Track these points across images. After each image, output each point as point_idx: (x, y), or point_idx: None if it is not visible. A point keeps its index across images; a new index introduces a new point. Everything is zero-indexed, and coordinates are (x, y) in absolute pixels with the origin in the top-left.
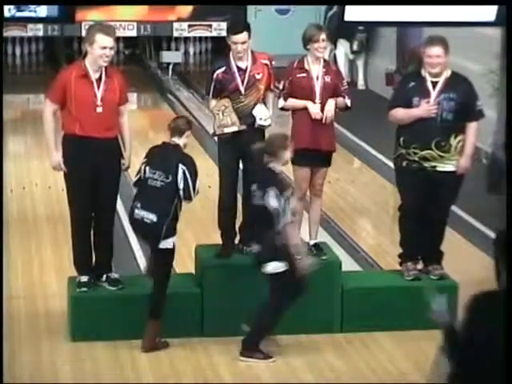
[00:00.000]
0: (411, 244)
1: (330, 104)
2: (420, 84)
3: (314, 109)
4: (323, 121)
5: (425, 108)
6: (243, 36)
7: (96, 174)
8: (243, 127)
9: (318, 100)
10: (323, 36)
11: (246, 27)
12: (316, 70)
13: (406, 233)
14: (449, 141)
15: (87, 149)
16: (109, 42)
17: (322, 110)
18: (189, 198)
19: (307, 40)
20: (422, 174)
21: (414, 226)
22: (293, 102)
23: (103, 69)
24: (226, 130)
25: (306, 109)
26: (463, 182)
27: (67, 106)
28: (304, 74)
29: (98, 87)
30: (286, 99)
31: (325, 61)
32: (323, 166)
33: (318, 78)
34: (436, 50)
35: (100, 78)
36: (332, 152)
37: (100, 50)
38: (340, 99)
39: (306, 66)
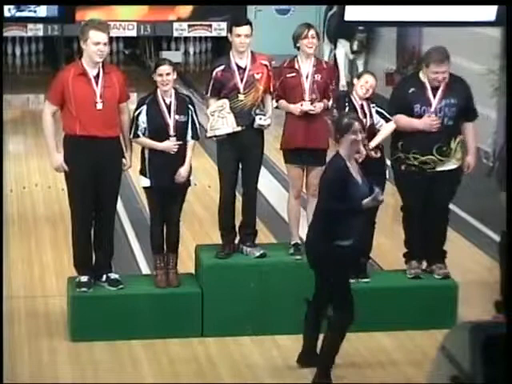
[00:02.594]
0: (416, 243)
1: (319, 106)
2: (420, 90)
3: (299, 108)
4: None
5: (427, 122)
6: (247, 28)
7: (97, 174)
8: (238, 129)
9: (307, 99)
10: (312, 32)
11: (249, 22)
12: (306, 68)
13: (410, 232)
14: (449, 145)
15: (88, 149)
16: (102, 37)
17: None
18: None
19: (296, 37)
20: (422, 175)
21: (418, 225)
22: (284, 104)
23: (101, 66)
24: (218, 133)
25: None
26: (461, 177)
27: (67, 106)
28: (294, 74)
29: (97, 84)
30: (277, 100)
31: (316, 59)
32: (317, 164)
33: (307, 77)
34: (444, 68)
35: (98, 75)
36: (325, 150)
37: (94, 46)
38: (325, 102)
39: (296, 65)
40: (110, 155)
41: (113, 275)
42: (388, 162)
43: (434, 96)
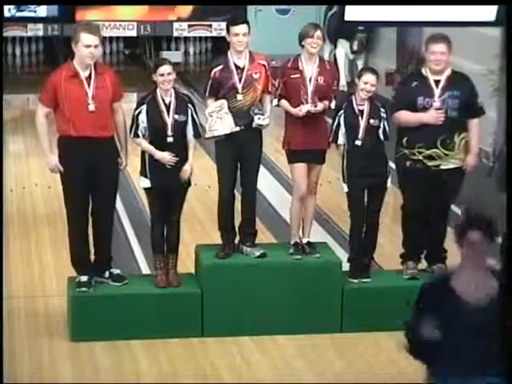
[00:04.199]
0: (414, 244)
1: (320, 105)
2: (423, 83)
3: (301, 110)
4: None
5: (433, 115)
6: (244, 27)
7: (93, 175)
8: (237, 129)
9: (309, 101)
10: (318, 33)
11: (246, 21)
12: (310, 70)
13: (409, 233)
14: (453, 139)
15: (82, 149)
16: (92, 40)
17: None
18: None
19: (303, 36)
20: (426, 173)
21: (418, 225)
22: (286, 105)
23: (92, 67)
24: (216, 134)
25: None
26: (464, 179)
27: (60, 107)
28: (297, 75)
29: (89, 85)
30: (279, 99)
31: (320, 59)
32: (317, 163)
33: (310, 80)
34: (440, 47)
35: (90, 76)
36: (325, 150)
37: (85, 49)
38: (325, 103)
39: (300, 66)
40: (104, 155)
41: (115, 271)
42: (390, 163)
43: (437, 88)
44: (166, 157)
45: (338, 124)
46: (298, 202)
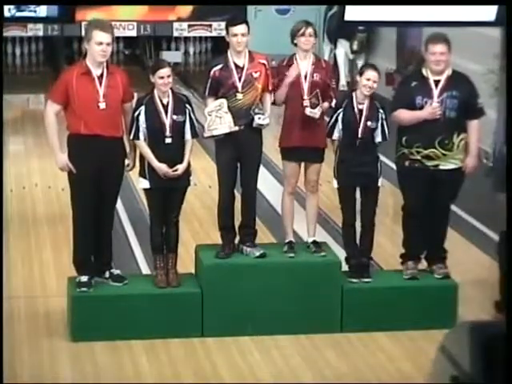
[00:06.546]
0: (414, 244)
1: (319, 111)
2: (422, 83)
3: (309, 112)
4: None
5: (429, 111)
6: (243, 27)
7: (100, 174)
8: (236, 128)
9: (305, 98)
10: (310, 31)
11: (245, 21)
12: (305, 67)
13: (409, 233)
14: (452, 139)
15: (92, 148)
16: (105, 37)
17: (311, 106)
18: None
19: (294, 34)
20: (425, 173)
21: (418, 225)
22: (280, 92)
23: (105, 66)
24: (215, 133)
25: (295, 107)
26: (464, 179)
27: (71, 105)
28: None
29: (100, 84)
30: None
31: (315, 57)
32: (315, 161)
33: (306, 76)
34: (440, 48)
35: (102, 75)
36: (323, 149)
37: (97, 46)
38: (325, 104)
39: (295, 63)
40: (113, 155)
41: (115, 271)
42: (387, 161)
43: (436, 88)
44: (163, 168)
45: (336, 120)
46: (288, 197)
